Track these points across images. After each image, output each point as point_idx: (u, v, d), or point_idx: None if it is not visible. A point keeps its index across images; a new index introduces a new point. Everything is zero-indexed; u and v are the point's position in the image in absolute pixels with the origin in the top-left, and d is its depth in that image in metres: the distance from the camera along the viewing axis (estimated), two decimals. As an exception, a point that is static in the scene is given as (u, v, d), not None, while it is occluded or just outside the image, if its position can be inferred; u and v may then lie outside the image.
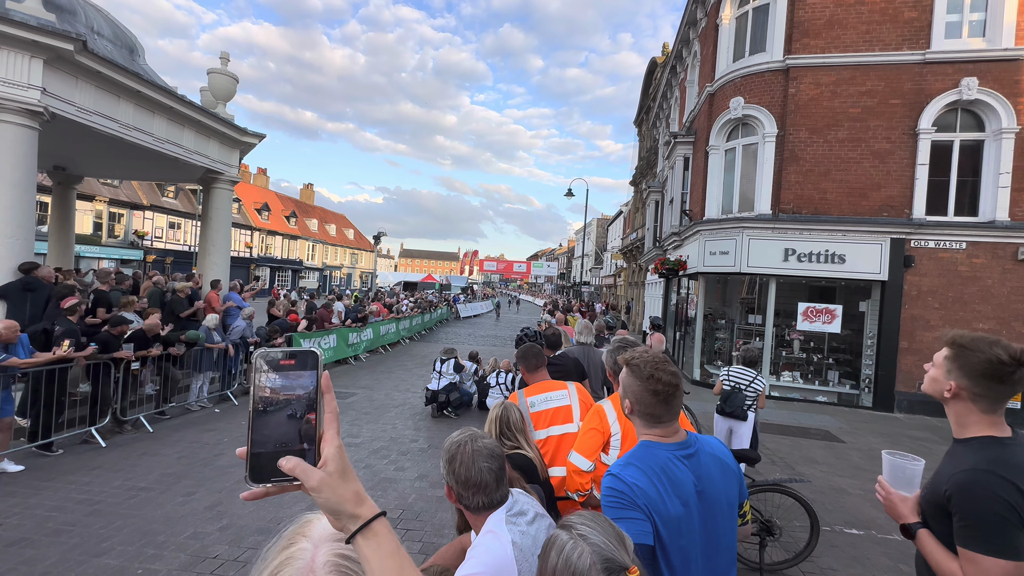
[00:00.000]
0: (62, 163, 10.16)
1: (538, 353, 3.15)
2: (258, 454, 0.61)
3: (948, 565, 1.36)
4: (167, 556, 3.54)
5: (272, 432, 0.61)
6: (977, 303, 9.48)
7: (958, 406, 1.45)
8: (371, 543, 0.60)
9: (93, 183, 25.90)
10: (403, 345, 16.82)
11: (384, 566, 0.60)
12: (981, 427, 1.42)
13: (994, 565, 1.26)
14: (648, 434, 1.48)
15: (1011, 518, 1.27)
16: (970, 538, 1.31)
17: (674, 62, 16.72)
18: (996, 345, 1.37)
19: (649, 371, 1.47)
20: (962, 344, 1.43)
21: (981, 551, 1.29)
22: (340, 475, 0.61)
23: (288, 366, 0.63)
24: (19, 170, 6.14)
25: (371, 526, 0.61)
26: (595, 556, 0.84)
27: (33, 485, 4.63)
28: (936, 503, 1.43)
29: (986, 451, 1.37)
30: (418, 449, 6.19)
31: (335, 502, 0.60)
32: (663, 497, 1.31)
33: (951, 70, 9.52)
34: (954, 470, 1.39)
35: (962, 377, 1.42)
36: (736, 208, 11.02)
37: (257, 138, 10.36)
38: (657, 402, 1.45)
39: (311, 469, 0.60)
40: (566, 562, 0.85)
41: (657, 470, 1.36)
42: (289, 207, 48.30)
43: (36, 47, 5.97)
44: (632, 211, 28.82)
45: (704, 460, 1.44)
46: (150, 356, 6.54)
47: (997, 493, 1.29)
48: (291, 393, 0.62)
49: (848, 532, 4.50)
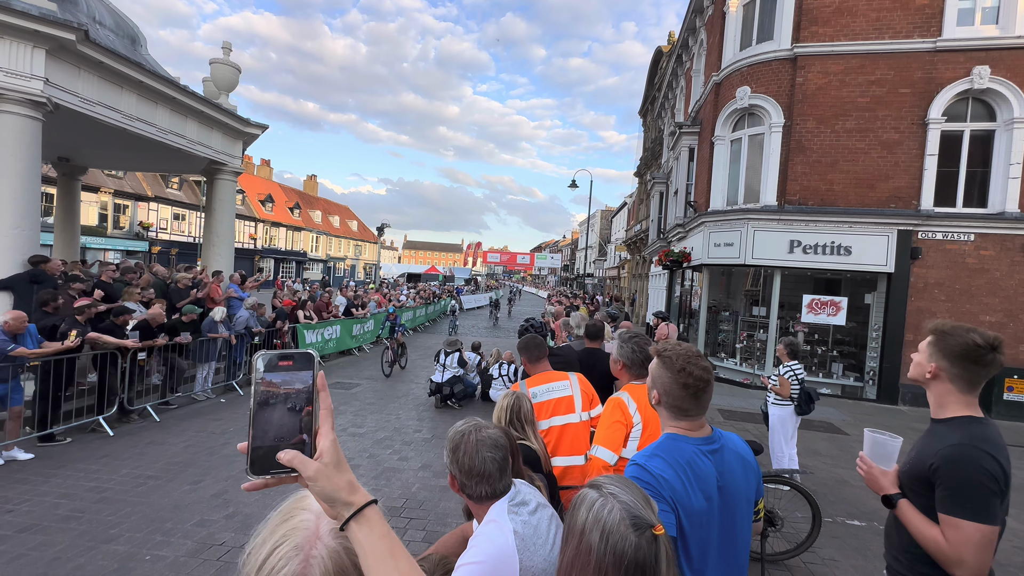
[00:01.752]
0: (66, 154, 10.19)
1: (540, 344, 3.16)
2: (258, 448, 0.65)
3: (929, 531, 1.49)
4: (174, 543, 3.59)
5: (271, 427, 0.66)
6: (984, 295, 9.40)
7: (938, 387, 1.60)
8: (364, 528, 0.64)
9: (98, 174, 25.97)
10: (407, 336, 16.88)
11: (376, 548, 0.64)
12: (959, 407, 1.56)
13: (975, 529, 1.40)
14: (675, 427, 1.49)
15: (992, 487, 1.42)
16: (954, 505, 1.44)
17: (680, 51, 16.51)
18: (973, 331, 1.53)
19: (681, 364, 1.46)
20: (943, 330, 1.58)
21: (964, 516, 1.42)
22: (335, 466, 0.65)
23: (286, 366, 0.68)
24: (23, 161, 6.15)
25: (363, 512, 0.65)
26: (624, 512, 0.87)
27: (43, 473, 4.71)
28: (919, 476, 1.56)
29: (969, 429, 1.51)
30: (422, 439, 6.23)
31: (330, 490, 0.64)
32: (688, 490, 1.32)
33: (963, 58, 9.36)
34: (940, 445, 1.51)
35: (942, 359, 1.57)
36: (741, 199, 10.93)
37: (260, 129, 10.34)
38: (687, 395, 1.45)
39: (308, 460, 0.65)
40: (596, 517, 0.88)
41: (683, 463, 1.36)
42: (293, 198, 48.30)
43: (38, 37, 5.96)
44: (636, 203, 28.66)
45: (728, 457, 1.45)
46: (155, 346, 6.58)
47: (982, 465, 1.43)
48: (290, 387, 0.67)
49: (850, 523, 4.51)
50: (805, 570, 3.72)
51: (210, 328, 7.71)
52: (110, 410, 6.04)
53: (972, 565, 1.41)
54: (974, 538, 1.40)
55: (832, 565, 3.80)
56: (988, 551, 1.41)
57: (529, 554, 1.30)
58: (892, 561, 1.70)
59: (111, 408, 6.05)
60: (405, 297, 20.08)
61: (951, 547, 1.43)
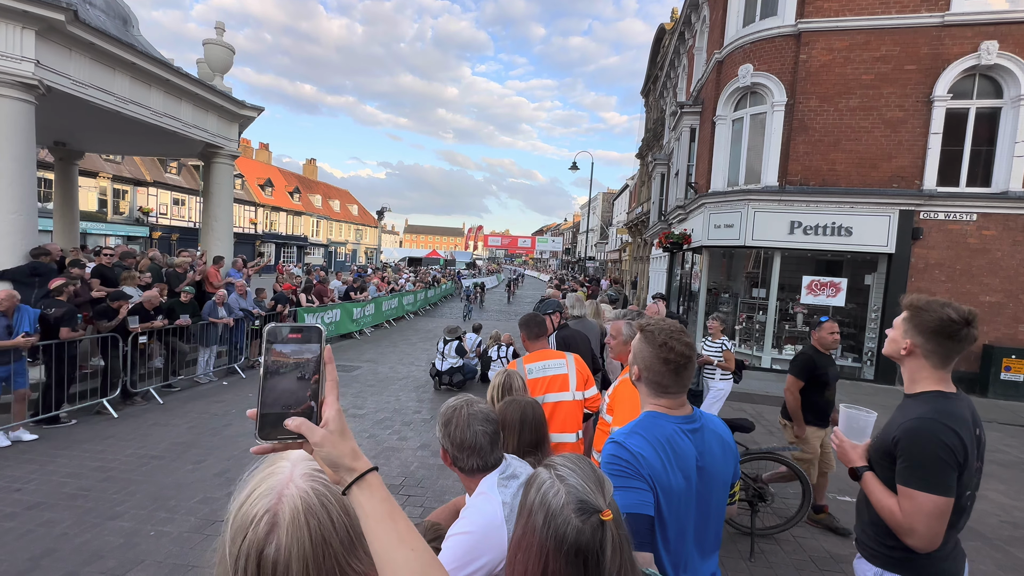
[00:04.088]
0: (62, 138, 10.12)
1: (541, 322, 3.19)
2: (266, 414, 0.69)
3: (887, 501, 1.54)
4: (178, 519, 3.69)
5: (279, 395, 0.70)
6: (985, 276, 9.36)
7: (912, 363, 1.61)
8: (365, 492, 0.68)
9: (96, 159, 25.82)
10: (408, 320, 16.98)
11: (377, 511, 0.67)
12: (930, 383, 1.57)
13: (927, 500, 1.44)
14: (654, 404, 1.47)
15: (949, 460, 1.44)
16: (910, 477, 1.48)
17: (683, 28, 16.16)
18: (948, 306, 1.52)
19: (663, 339, 1.44)
20: (918, 306, 1.58)
21: (918, 488, 1.46)
22: (339, 433, 0.69)
23: (295, 339, 0.72)
24: (18, 145, 6.12)
25: (365, 478, 0.68)
26: (570, 496, 0.86)
27: (49, 453, 4.80)
28: (883, 449, 1.59)
29: (934, 403, 1.53)
30: (421, 420, 6.32)
31: (335, 456, 0.68)
32: (667, 469, 1.30)
33: (971, 33, 9.14)
34: (904, 419, 1.55)
35: (917, 335, 1.57)
36: (742, 180, 10.82)
37: (256, 111, 10.23)
38: (667, 371, 1.43)
39: (314, 427, 0.68)
40: (542, 499, 0.88)
41: (663, 441, 1.34)
42: (292, 183, 48.02)
43: (27, 17, 5.87)
44: (638, 185, 28.42)
45: (708, 437, 1.43)
46: (153, 328, 6.63)
47: (940, 438, 1.45)
48: (299, 357, 0.71)
49: (840, 499, 4.59)
50: (794, 543, 3.80)
51: (210, 312, 7.76)
52: (113, 392, 6.13)
53: (923, 534, 1.44)
54: (926, 508, 1.43)
55: (820, 539, 3.88)
56: (940, 521, 1.44)
57: None
58: (860, 533, 1.74)
59: (115, 391, 6.14)
60: (405, 281, 20.11)
61: (904, 517, 1.47)
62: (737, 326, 11.27)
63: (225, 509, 0.68)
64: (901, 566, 1.57)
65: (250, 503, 0.66)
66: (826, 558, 3.61)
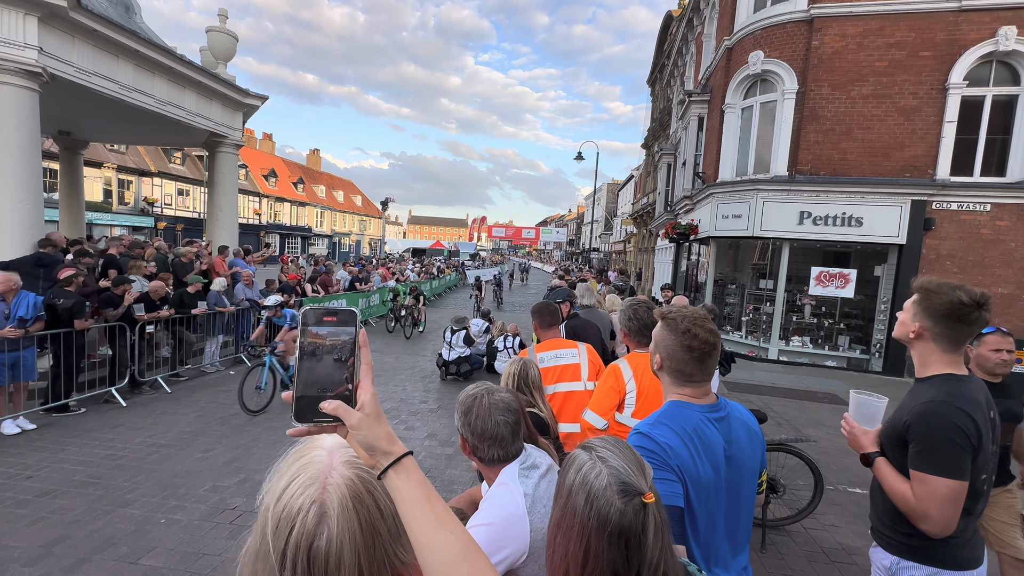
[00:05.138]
0: (66, 128, 10.09)
1: (554, 311, 3.15)
2: (303, 397, 0.69)
3: (900, 487, 1.51)
4: (188, 507, 3.70)
5: (315, 378, 0.70)
6: (998, 267, 9.23)
7: (922, 346, 1.58)
8: (401, 476, 0.67)
9: (100, 149, 25.82)
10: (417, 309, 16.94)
11: (414, 494, 0.67)
12: (941, 366, 1.54)
13: (941, 484, 1.41)
14: (678, 393, 1.42)
15: (963, 443, 1.41)
16: (923, 461, 1.45)
17: (691, 14, 15.88)
18: (959, 289, 1.49)
19: (686, 326, 1.40)
20: (928, 288, 1.54)
21: (931, 472, 1.42)
22: (375, 417, 0.69)
23: (330, 322, 0.72)
24: (22, 133, 6.09)
25: (401, 461, 0.68)
26: (612, 477, 0.85)
27: (60, 441, 4.83)
28: (895, 434, 1.56)
29: (945, 386, 1.50)
30: (428, 410, 6.32)
31: (372, 439, 0.67)
32: (695, 460, 1.27)
33: (988, 18, 8.92)
34: (915, 403, 1.52)
35: (926, 318, 1.54)
36: (751, 170, 10.68)
37: (259, 100, 10.16)
38: (691, 359, 1.38)
39: (351, 410, 0.68)
40: (583, 480, 0.86)
41: (690, 431, 1.31)
42: (296, 173, 47.92)
43: (29, 3, 5.81)
44: (643, 175, 28.18)
45: (734, 425, 1.39)
46: (159, 318, 6.63)
47: (952, 421, 1.42)
48: (336, 339, 0.71)
49: (852, 491, 4.56)
50: (806, 535, 3.77)
51: (213, 299, 7.77)
52: (122, 381, 6.15)
53: (937, 519, 1.42)
54: (940, 492, 1.40)
55: (832, 530, 3.86)
56: (954, 506, 1.41)
57: (539, 516, 1.30)
58: (876, 522, 1.71)
59: (123, 380, 6.16)
60: (411, 272, 20.08)
61: (917, 501, 1.44)
62: (744, 317, 11.21)
63: (234, 498, 0.63)
64: (918, 553, 1.54)
65: (292, 494, 0.63)
66: (838, 550, 3.59)
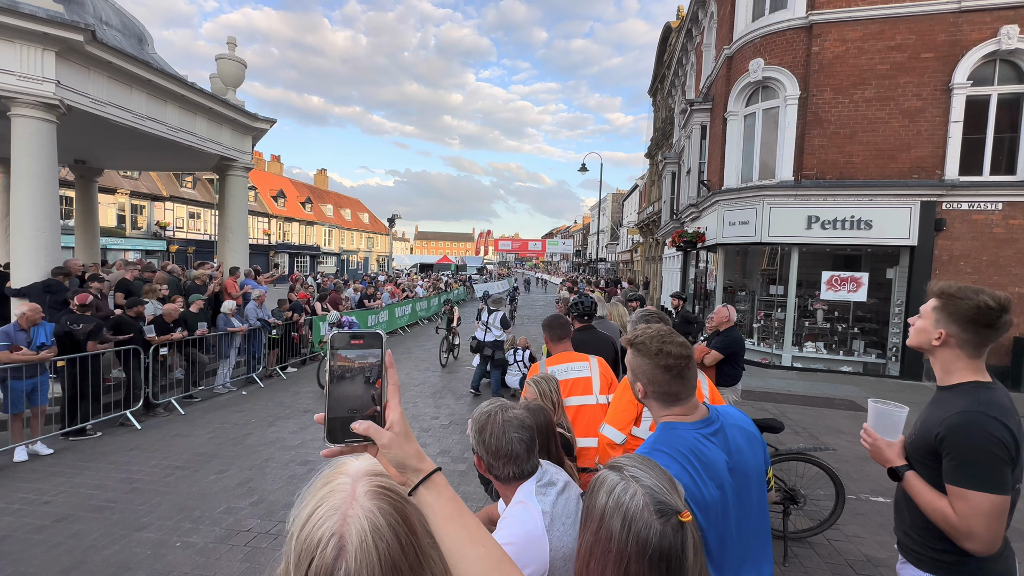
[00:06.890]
0: (82, 156, 10.36)
1: (564, 324, 3.15)
2: (334, 418, 0.72)
3: (938, 503, 1.42)
4: (203, 530, 3.69)
5: (345, 399, 0.72)
6: (1013, 266, 9.08)
7: (946, 353, 1.52)
8: (432, 492, 0.70)
9: (114, 176, 26.43)
10: (421, 326, 17.01)
11: (445, 510, 0.69)
12: (967, 373, 1.48)
13: (984, 500, 1.33)
14: (667, 415, 1.38)
15: (1002, 455, 1.34)
16: (962, 475, 1.37)
17: (689, 25, 16.05)
18: (982, 293, 1.44)
19: (657, 346, 1.36)
20: (951, 293, 1.50)
21: (972, 487, 1.34)
22: (404, 436, 0.71)
23: (358, 344, 0.74)
24: (41, 164, 6.27)
25: (432, 478, 0.70)
26: (648, 497, 0.81)
27: (76, 465, 4.87)
28: (925, 447, 1.49)
29: (976, 394, 1.42)
30: (439, 426, 6.29)
31: (402, 457, 0.70)
32: (698, 483, 1.22)
33: (989, 18, 8.92)
34: (946, 414, 1.43)
35: (951, 324, 1.48)
36: (756, 176, 10.67)
37: (268, 123, 10.38)
38: (671, 378, 1.34)
39: (381, 430, 0.71)
40: (617, 502, 0.82)
41: (687, 453, 1.25)
42: (304, 193, 48.63)
43: (47, 39, 6.02)
44: (648, 184, 28.24)
45: (731, 434, 1.35)
46: (172, 340, 6.70)
47: (990, 432, 1.35)
48: (363, 361, 0.74)
49: (875, 500, 4.45)
50: (829, 547, 3.68)
51: (223, 322, 7.84)
52: (136, 404, 6.20)
53: (983, 537, 1.34)
54: (984, 508, 1.32)
55: (856, 542, 3.76)
56: (999, 522, 1.34)
57: (559, 534, 1.29)
58: (903, 537, 1.62)
59: (137, 402, 6.22)
60: (420, 288, 20.14)
61: (960, 519, 1.36)
62: (755, 324, 11.09)
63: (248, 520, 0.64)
64: (952, 569, 1.47)
65: (314, 524, 0.63)
66: (863, 562, 3.49)
